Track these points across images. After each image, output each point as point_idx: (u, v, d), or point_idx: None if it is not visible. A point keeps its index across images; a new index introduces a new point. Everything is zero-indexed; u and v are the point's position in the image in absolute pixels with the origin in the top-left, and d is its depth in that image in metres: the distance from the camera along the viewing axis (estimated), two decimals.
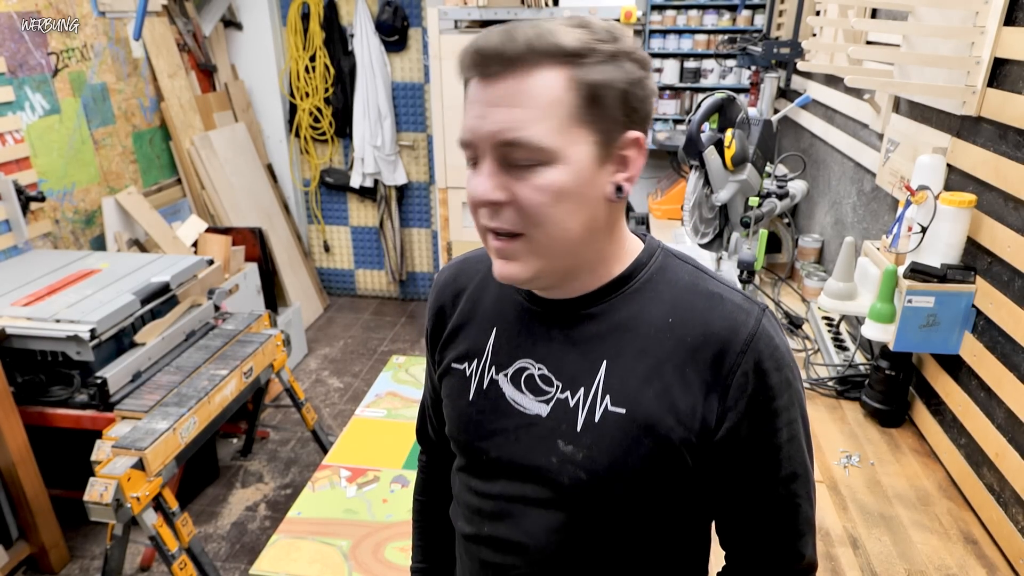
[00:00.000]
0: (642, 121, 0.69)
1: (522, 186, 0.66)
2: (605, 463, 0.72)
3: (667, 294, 0.74)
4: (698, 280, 0.74)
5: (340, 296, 4.69)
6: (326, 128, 4.21)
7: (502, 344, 0.80)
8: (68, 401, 2.13)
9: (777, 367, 0.71)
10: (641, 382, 0.72)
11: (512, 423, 0.77)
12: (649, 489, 0.73)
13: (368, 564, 1.79)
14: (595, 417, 0.73)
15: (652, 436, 0.71)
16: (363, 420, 2.42)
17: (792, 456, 0.73)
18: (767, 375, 0.70)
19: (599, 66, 0.66)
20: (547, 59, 0.65)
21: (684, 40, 3.72)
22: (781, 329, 0.74)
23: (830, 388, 1.70)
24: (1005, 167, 1.24)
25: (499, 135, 0.65)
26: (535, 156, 0.65)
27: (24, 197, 2.57)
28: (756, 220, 1.93)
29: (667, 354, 0.71)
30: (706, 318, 0.71)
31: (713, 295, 0.73)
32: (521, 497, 0.78)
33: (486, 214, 0.69)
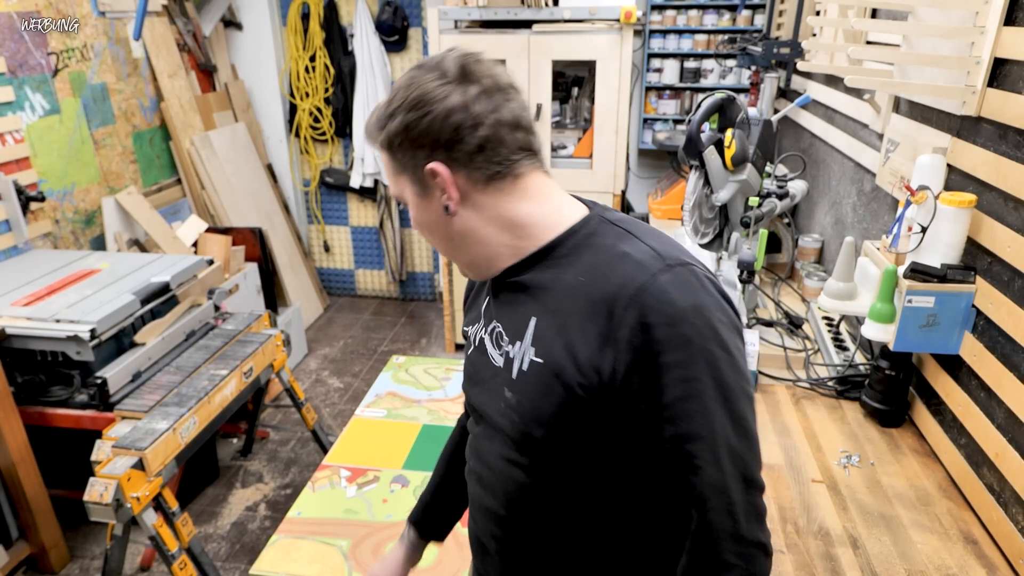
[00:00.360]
0: (438, 148, 0.79)
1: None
2: (528, 407, 0.81)
3: (587, 256, 0.80)
4: (618, 241, 0.80)
5: (340, 296, 4.69)
6: (326, 128, 4.21)
7: (490, 308, 0.92)
8: (68, 401, 2.13)
9: (669, 322, 0.72)
10: (555, 335, 0.79)
11: (488, 374, 0.89)
12: (565, 434, 0.80)
13: (368, 564, 1.79)
14: (524, 367, 0.82)
15: (561, 383, 0.78)
16: (363, 420, 2.42)
17: (691, 415, 0.72)
18: (652, 329, 0.72)
19: (387, 128, 0.80)
20: (373, 141, 0.84)
21: (684, 40, 3.72)
22: (699, 288, 0.74)
23: (830, 388, 1.70)
24: (1005, 167, 1.24)
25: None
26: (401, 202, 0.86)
27: (24, 197, 2.57)
28: (756, 220, 1.93)
29: (575, 309, 0.78)
30: (607, 274, 0.77)
31: (622, 254, 0.77)
32: (486, 436, 0.91)
33: None
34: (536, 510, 0.86)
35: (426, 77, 0.78)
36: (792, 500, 1.33)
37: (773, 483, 1.38)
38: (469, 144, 0.78)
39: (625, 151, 3.42)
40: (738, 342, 0.77)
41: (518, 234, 0.83)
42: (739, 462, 0.74)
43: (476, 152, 0.78)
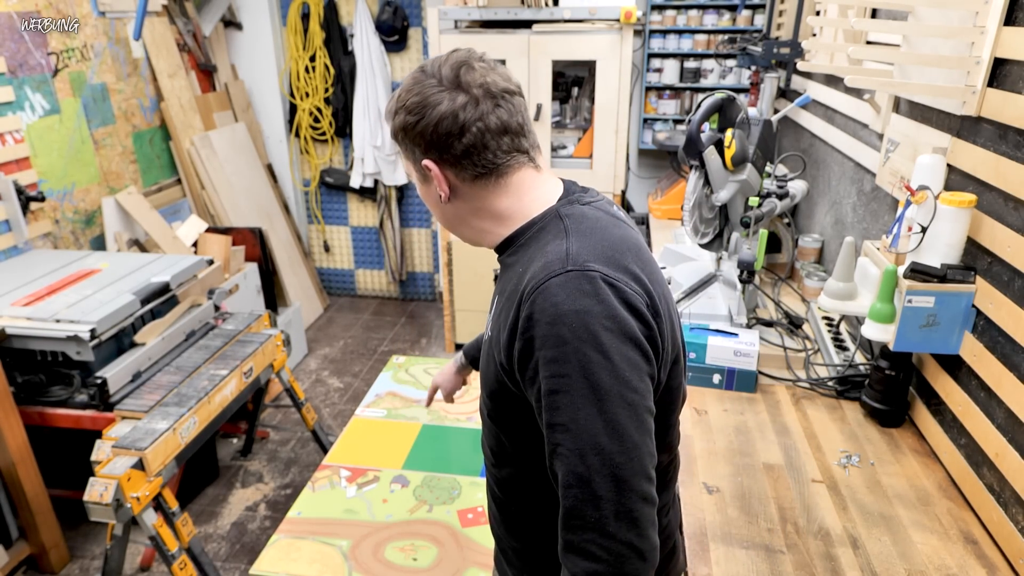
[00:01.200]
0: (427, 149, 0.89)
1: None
2: (482, 371, 0.97)
3: (530, 250, 0.90)
4: (552, 239, 0.88)
5: (340, 296, 4.69)
6: (326, 128, 4.21)
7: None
8: (68, 401, 2.13)
9: (550, 321, 0.79)
10: (496, 315, 0.93)
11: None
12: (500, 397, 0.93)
13: (368, 564, 1.79)
14: (485, 336, 0.98)
15: (495, 358, 0.91)
16: (363, 420, 2.42)
17: (559, 407, 0.78)
18: (536, 326, 0.80)
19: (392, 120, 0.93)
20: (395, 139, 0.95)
21: (684, 40, 3.72)
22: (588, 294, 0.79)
23: (830, 388, 1.70)
24: (1005, 167, 1.24)
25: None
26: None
27: (24, 197, 2.57)
28: (756, 220, 1.93)
29: (509, 296, 0.88)
30: (529, 270, 0.86)
31: (544, 252, 0.86)
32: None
33: None
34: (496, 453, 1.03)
35: (426, 82, 0.88)
36: (792, 500, 1.33)
37: (773, 483, 1.39)
38: (456, 149, 0.88)
39: (625, 151, 3.42)
40: (626, 350, 0.79)
41: (498, 223, 0.95)
42: (608, 461, 0.77)
43: (462, 156, 0.88)
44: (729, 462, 1.45)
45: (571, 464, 0.78)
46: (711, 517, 1.29)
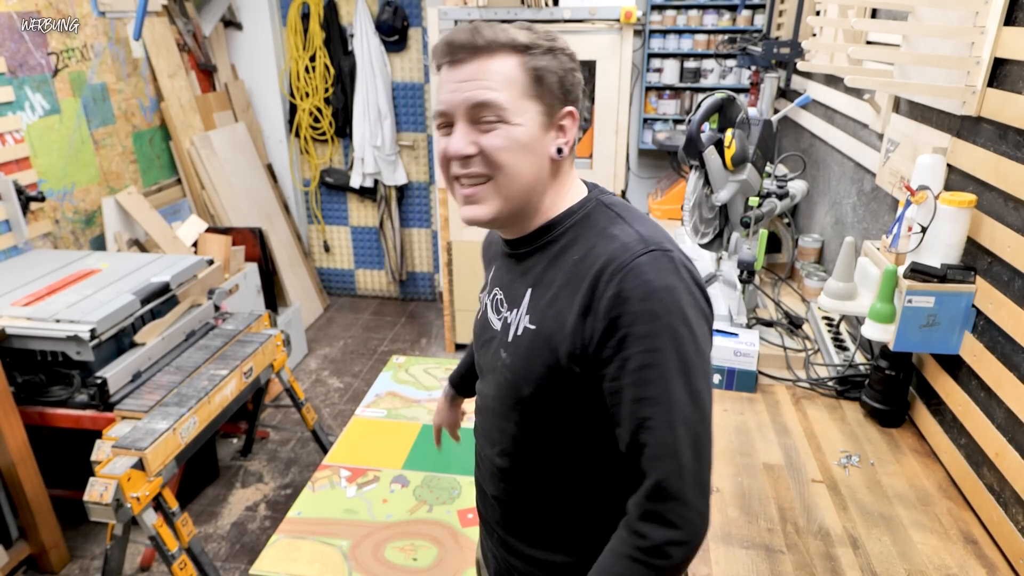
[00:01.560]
0: (575, 100, 0.90)
1: (488, 138, 0.86)
2: (520, 367, 0.91)
3: (582, 236, 0.90)
4: (610, 224, 0.89)
5: (340, 296, 4.69)
6: (326, 128, 4.21)
7: (493, 277, 1.04)
8: (68, 401, 2.13)
9: (642, 298, 0.80)
10: (547, 305, 0.89)
11: (488, 336, 1.00)
12: (549, 391, 0.89)
13: (368, 564, 1.79)
14: (519, 331, 0.92)
15: (548, 348, 0.87)
16: (363, 420, 2.42)
17: (651, 381, 0.80)
18: (628, 302, 0.81)
19: (541, 56, 0.87)
20: (504, 49, 0.86)
21: (684, 40, 3.72)
22: (672, 272, 0.82)
23: (830, 388, 1.70)
24: (1005, 167, 1.24)
25: (471, 99, 0.85)
26: (498, 115, 0.85)
27: (24, 197, 2.57)
28: (756, 220, 1.93)
29: (567, 282, 0.87)
30: (596, 253, 0.86)
31: (611, 236, 0.86)
32: (486, 394, 1.02)
33: (458, 165, 0.88)
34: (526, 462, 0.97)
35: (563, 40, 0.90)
36: (792, 500, 1.33)
37: (773, 483, 1.39)
38: (582, 108, 0.91)
39: (625, 151, 3.42)
40: (703, 327, 0.84)
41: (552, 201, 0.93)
42: (692, 431, 0.81)
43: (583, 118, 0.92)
44: (729, 462, 1.45)
45: (662, 436, 0.80)
46: (711, 517, 1.29)
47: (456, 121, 0.87)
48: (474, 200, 0.89)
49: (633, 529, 0.82)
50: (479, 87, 0.85)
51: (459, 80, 0.86)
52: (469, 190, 0.88)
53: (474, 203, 0.89)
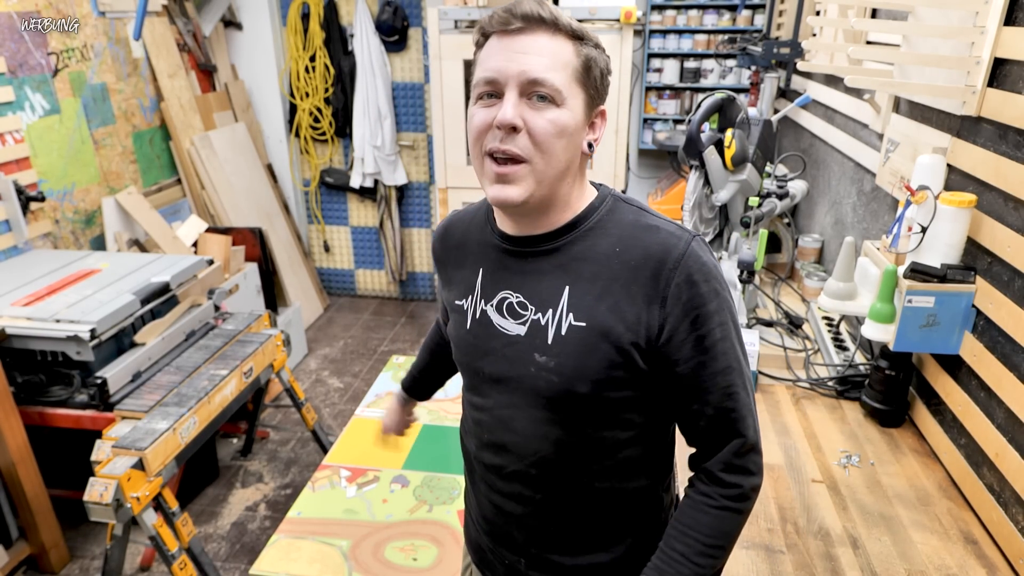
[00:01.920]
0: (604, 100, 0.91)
1: (537, 117, 0.84)
2: (571, 366, 0.88)
3: (614, 230, 0.90)
4: (640, 217, 0.91)
5: (340, 296, 4.69)
6: (326, 128, 4.20)
7: (487, 281, 0.97)
8: (68, 401, 2.13)
9: (705, 279, 0.86)
10: (596, 300, 0.88)
11: (499, 343, 0.94)
12: (609, 386, 0.88)
13: (368, 564, 1.79)
14: (562, 331, 0.89)
15: (607, 341, 0.87)
16: (363, 420, 2.42)
17: (726, 352, 0.87)
18: (697, 285, 0.85)
19: (591, 48, 0.87)
20: (564, 31, 0.85)
21: (684, 40, 3.72)
22: (711, 252, 0.90)
23: (830, 388, 1.70)
24: (1005, 167, 1.24)
25: (528, 73, 0.82)
26: (552, 95, 0.83)
27: (24, 197, 2.57)
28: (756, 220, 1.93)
29: (615, 275, 0.87)
30: (645, 244, 0.87)
31: (651, 227, 0.89)
32: (510, 404, 0.95)
33: (499, 137, 0.84)
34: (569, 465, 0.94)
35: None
36: (792, 500, 1.33)
37: (773, 483, 1.39)
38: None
39: (625, 151, 3.42)
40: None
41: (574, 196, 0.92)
42: (751, 390, 0.91)
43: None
44: None
45: (743, 399, 0.89)
46: None
47: (506, 91, 0.84)
48: (507, 179, 0.85)
49: (722, 481, 0.90)
50: (539, 63, 0.83)
51: (517, 50, 0.83)
52: (504, 168, 0.85)
53: (507, 183, 0.85)
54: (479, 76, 0.86)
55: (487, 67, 0.85)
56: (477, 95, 0.87)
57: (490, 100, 0.86)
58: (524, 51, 0.83)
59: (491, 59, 0.85)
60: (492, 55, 0.85)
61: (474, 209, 1.07)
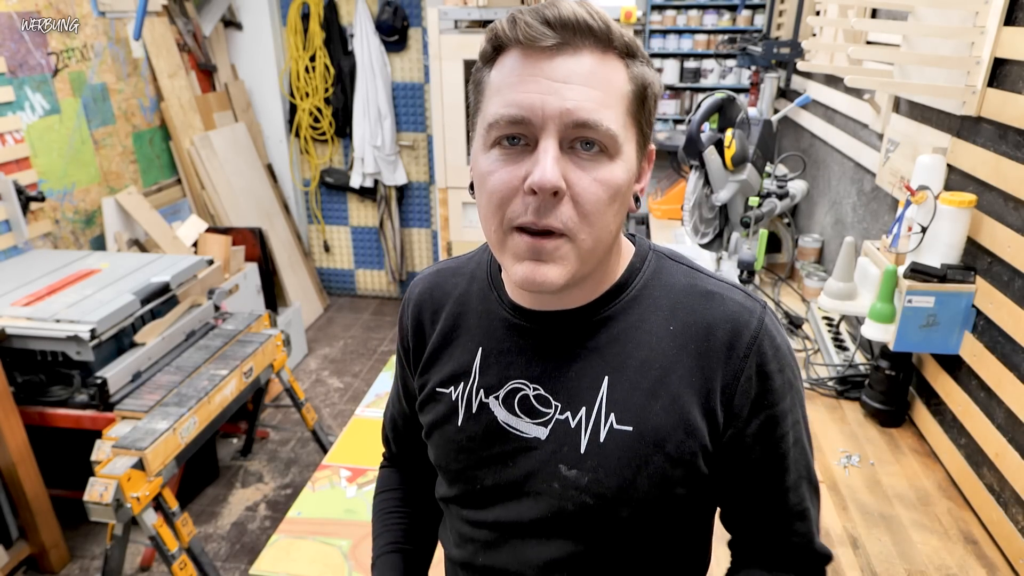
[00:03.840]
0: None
1: (583, 177, 0.60)
2: (614, 486, 0.67)
3: (664, 299, 0.69)
4: (695, 281, 0.70)
5: (340, 296, 4.69)
6: (326, 128, 4.21)
7: (490, 364, 0.73)
8: (68, 401, 2.13)
9: (780, 368, 0.67)
10: (647, 396, 0.67)
11: (508, 448, 0.72)
12: (658, 508, 0.69)
13: (368, 564, 1.79)
14: (600, 437, 0.67)
15: (663, 453, 0.66)
16: (363, 420, 2.41)
17: (798, 459, 0.71)
18: (770, 378, 0.67)
19: (643, 66, 0.63)
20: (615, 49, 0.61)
21: (684, 40, 3.72)
22: (781, 327, 0.71)
23: (830, 388, 1.70)
24: (1005, 167, 1.24)
25: (575, 113, 0.58)
26: (603, 143, 0.60)
27: (24, 197, 2.57)
28: (756, 220, 1.93)
29: (671, 363, 0.67)
30: (708, 321, 0.67)
31: (713, 295, 0.69)
32: (518, 525, 0.73)
33: (533, 207, 0.60)
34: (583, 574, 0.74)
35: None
36: None
37: None
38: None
39: None
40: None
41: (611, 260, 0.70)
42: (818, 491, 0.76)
43: None
44: None
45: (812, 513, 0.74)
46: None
47: (541, 138, 0.59)
48: (543, 258, 0.61)
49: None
50: (590, 99, 0.58)
51: (555, 78, 0.58)
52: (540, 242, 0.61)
53: (544, 261, 0.61)
54: (496, 111, 0.60)
55: (510, 100, 0.59)
56: (492, 139, 0.61)
57: (513, 148, 0.61)
58: (566, 79, 0.58)
59: (515, 88, 0.59)
60: (516, 82, 0.59)
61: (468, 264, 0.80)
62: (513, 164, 0.61)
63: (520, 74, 0.59)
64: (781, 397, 0.68)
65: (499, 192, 0.61)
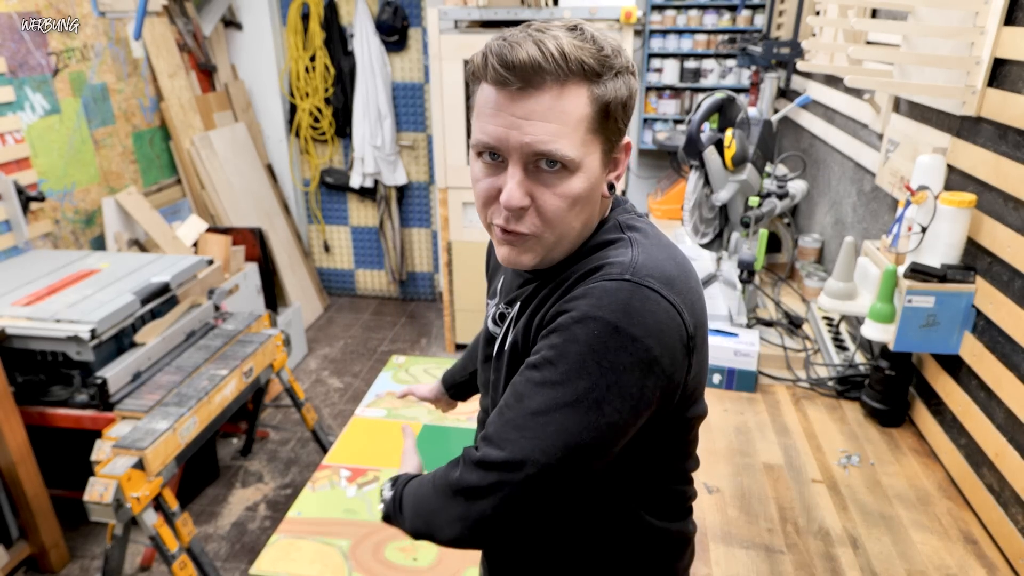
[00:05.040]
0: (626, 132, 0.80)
1: (545, 193, 0.75)
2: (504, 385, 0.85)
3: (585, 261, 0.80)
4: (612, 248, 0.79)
5: (340, 296, 4.69)
6: (326, 128, 4.21)
7: (502, 288, 0.96)
8: (68, 401, 2.13)
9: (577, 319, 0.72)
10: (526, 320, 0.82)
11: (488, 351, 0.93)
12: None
13: (368, 564, 1.80)
14: (505, 347, 0.86)
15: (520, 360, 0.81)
16: (363, 420, 2.42)
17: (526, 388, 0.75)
18: (565, 315, 0.74)
19: (610, 82, 0.74)
20: (574, 77, 0.72)
21: (684, 40, 3.72)
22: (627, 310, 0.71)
23: (830, 388, 1.70)
24: (1005, 167, 1.24)
25: (534, 146, 0.72)
26: (563, 162, 0.73)
27: (24, 197, 2.57)
28: (756, 220, 1.93)
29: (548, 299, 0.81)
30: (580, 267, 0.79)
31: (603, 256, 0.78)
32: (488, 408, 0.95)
33: (504, 216, 0.77)
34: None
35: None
36: (792, 500, 1.33)
37: (773, 483, 1.39)
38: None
39: None
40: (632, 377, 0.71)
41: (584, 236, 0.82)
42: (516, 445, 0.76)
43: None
44: (729, 462, 1.45)
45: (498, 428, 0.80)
46: (711, 517, 1.29)
47: (509, 164, 0.74)
48: (515, 248, 0.79)
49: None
50: (546, 132, 0.71)
51: (518, 115, 0.72)
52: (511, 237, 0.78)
53: (516, 249, 0.79)
54: (476, 136, 0.76)
55: (485, 130, 0.74)
56: (477, 152, 0.78)
57: (493, 161, 0.76)
58: (527, 116, 0.71)
59: (489, 120, 0.74)
60: (489, 115, 0.74)
61: None
62: (493, 176, 0.77)
63: (492, 109, 0.74)
64: (557, 329, 0.73)
65: (482, 197, 0.79)
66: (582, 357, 0.71)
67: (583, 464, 0.73)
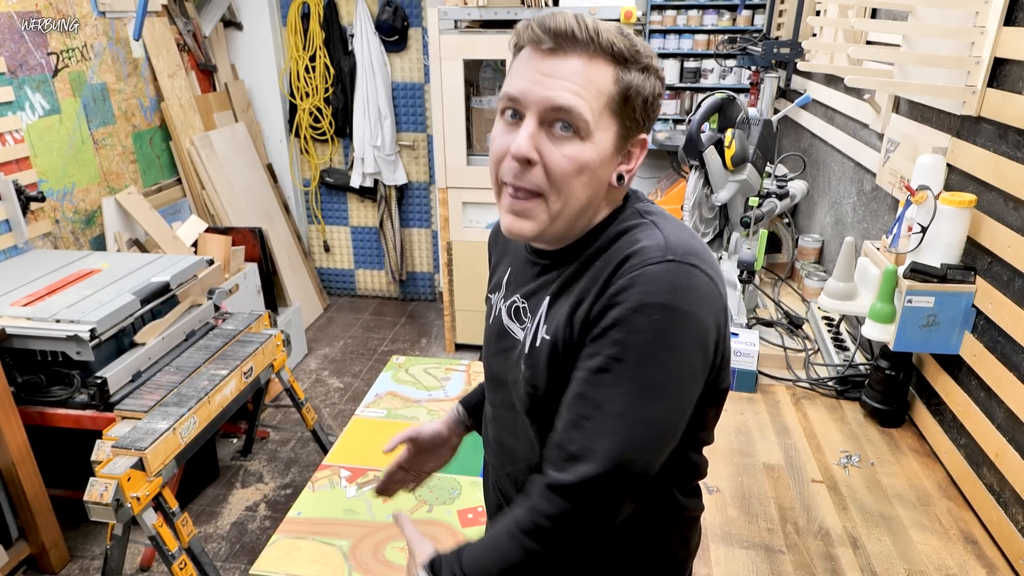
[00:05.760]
0: (649, 127, 0.83)
1: (554, 151, 0.77)
2: (543, 382, 0.84)
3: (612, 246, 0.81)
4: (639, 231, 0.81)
5: (340, 296, 4.69)
6: (326, 128, 4.20)
7: (510, 281, 0.96)
8: (68, 401, 2.13)
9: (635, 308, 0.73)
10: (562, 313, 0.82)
11: (506, 345, 0.93)
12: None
13: (368, 564, 1.79)
14: (537, 343, 0.85)
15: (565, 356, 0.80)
16: (363, 420, 2.42)
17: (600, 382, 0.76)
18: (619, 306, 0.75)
19: (636, 74, 0.79)
20: (604, 54, 0.77)
21: (684, 40, 3.72)
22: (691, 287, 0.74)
23: (830, 388, 1.70)
24: (1005, 167, 1.24)
25: (553, 100, 0.75)
26: (575, 126, 0.76)
27: (24, 197, 2.57)
28: (756, 220, 1.93)
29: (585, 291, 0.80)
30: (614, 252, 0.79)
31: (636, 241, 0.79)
32: (506, 406, 0.94)
33: (513, 171, 0.79)
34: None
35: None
36: (792, 500, 1.33)
37: (773, 483, 1.39)
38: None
39: None
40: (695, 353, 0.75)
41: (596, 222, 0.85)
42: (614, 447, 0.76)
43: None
44: (729, 462, 1.45)
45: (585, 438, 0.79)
46: (711, 517, 1.29)
47: (526, 116, 0.78)
48: (520, 214, 0.81)
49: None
50: (566, 88, 0.75)
51: (545, 72, 0.76)
52: (518, 203, 0.80)
53: (519, 216, 0.81)
54: (504, 90, 0.80)
55: (512, 84, 0.78)
56: (500, 109, 0.81)
57: (512, 120, 0.79)
58: (552, 74, 0.76)
59: (518, 76, 0.78)
60: (520, 71, 0.78)
61: None
62: (508, 134, 0.79)
63: (524, 66, 0.79)
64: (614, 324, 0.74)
65: (496, 154, 0.81)
66: (650, 346, 0.73)
67: (669, 448, 0.78)
